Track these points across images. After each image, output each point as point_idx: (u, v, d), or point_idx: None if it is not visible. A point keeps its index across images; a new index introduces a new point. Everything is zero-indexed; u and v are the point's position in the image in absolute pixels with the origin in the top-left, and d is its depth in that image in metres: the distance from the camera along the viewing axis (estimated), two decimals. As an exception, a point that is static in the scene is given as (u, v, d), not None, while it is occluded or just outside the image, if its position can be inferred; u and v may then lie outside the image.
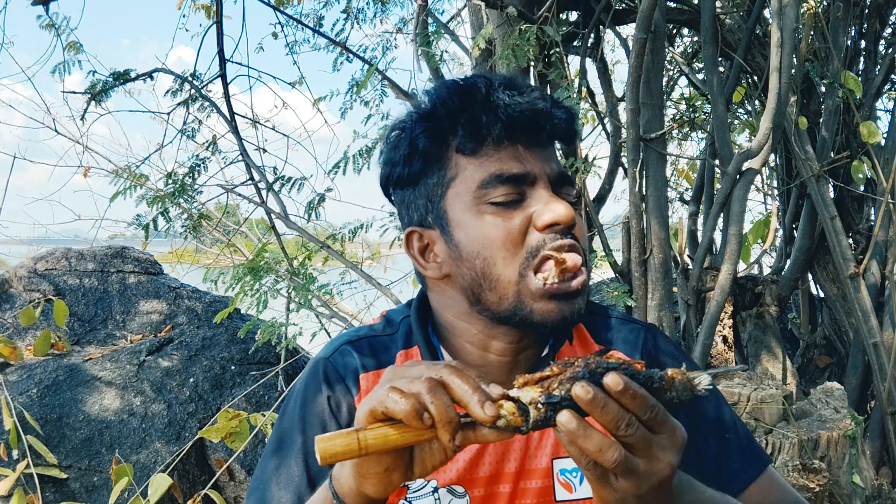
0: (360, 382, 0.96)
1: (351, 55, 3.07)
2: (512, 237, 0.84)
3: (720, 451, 0.95)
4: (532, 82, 2.44)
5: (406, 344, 0.98)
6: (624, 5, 2.85)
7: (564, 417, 0.62)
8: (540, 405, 0.63)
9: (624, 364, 0.64)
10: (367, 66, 3.02)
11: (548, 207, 0.83)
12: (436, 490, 0.91)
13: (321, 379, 0.97)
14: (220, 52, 2.95)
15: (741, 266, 3.10)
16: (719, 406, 0.99)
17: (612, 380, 0.61)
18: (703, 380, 0.65)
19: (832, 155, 3.04)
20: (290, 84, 3.51)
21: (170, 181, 2.91)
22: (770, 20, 2.50)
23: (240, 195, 3.16)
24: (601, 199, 2.92)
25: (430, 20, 2.89)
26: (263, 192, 2.96)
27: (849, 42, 3.10)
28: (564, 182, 0.89)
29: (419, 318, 0.98)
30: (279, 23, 3.33)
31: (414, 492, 0.92)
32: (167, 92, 3.02)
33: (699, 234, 3.45)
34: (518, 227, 0.84)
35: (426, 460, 0.70)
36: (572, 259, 0.83)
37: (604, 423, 0.62)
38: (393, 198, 1.00)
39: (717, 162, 2.99)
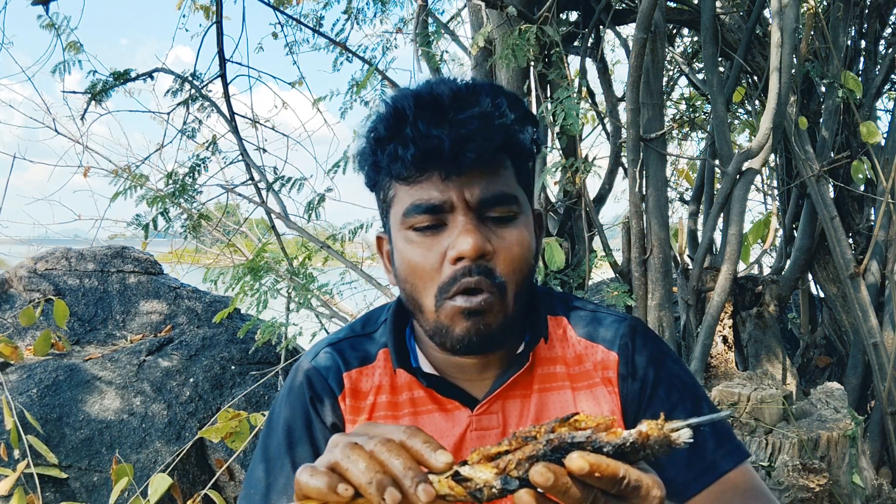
0: (344, 381, 0.98)
1: (351, 55, 3.07)
2: (428, 269, 0.87)
3: (693, 444, 0.94)
4: (531, 84, 2.45)
5: (385, 343, 1.01)
6: (624, 5, 2.85)
7: (525, 499, 0.58)
8: (495, 489, 0.59)
9: (591, 436, 0.59)
10: (367, 66, 3.02)
11: (457, 241, 0.85)
12: None
13: (304, 383, 0.99)
14: (220, 52, 2.95)
15: (741, 266, 3.10)
16: (698, 401, 0.99)
17: (576, 465, 0.56)
18: (682, 434, 0.59)
19: (832, 155, 3.04)
20: (289, 84, 3.52)
21: (170, 181, 2.91)
22: (770, 20, 2.50)
23: (240, 195, 3.17)
24: (601, 199, 2.92)
25: (430, 20, 2.89)
26: (263, 192, 2.97)
27: (849, 42, 3.10)
28: (496, 203, 0.87)
29: (395, 320, 1.01)
30: (279, 23, 3.33)
31: None
32: (167, 92, 3.03)
33: (699, 234, 3.45)
34: (434, 260, 0.87)
35: None
36: (470, 302, 0.86)
37: None
38: None
39: (717, 162, 2.99)
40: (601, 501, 0.59)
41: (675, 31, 3.71)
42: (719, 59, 3.01)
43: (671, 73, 3.98)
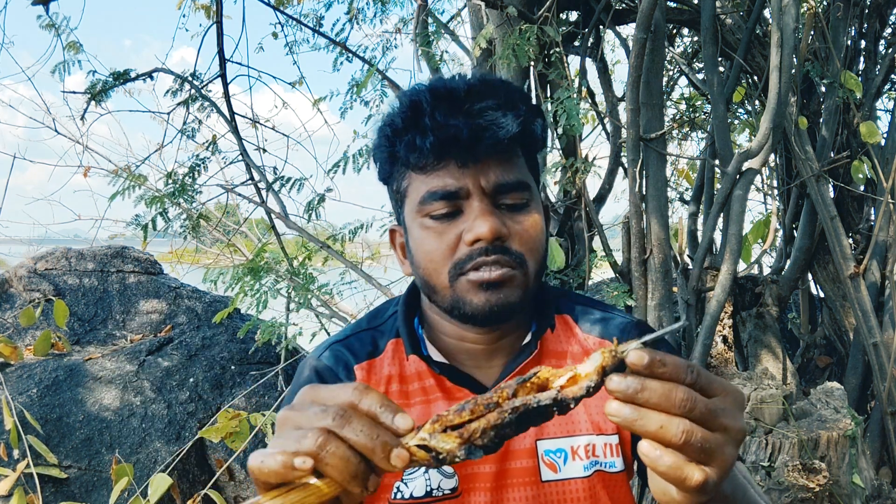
0: (356, 373, 0.99)
1: (351, 55, 3.07)
2: (443, 251, 0.90)
3: None
4: (531, 84, 2.45)
5: (395, 334, 1.02)
6: (624, 5, 2.85)
7: (615, 407, 0.57)
8: (458, 458, 0.58)
9: (557, 396, 0.58)
10: (367, 66, 3.02)
11: (473, 224, 0.88)
12: (427, 470, 0.95)
13: (312, 374, 1.00)
14: (220, 51, 2.95)
15: (741, 266, 3.10)
16: None
17: (635, 357, 0.56)
18: (633, 353, 0.58)
19: (832, 155, 3.04)
20: (290, 84, 3.51)
21: (170, 181, 2.91)
22: (770, 20, 2.50)
23: (240, 195, 3.16)
24: (601, 199, 2.92)
25: (430, 20, 2.89)
26: (263, 192, 2.96)
27: (849, 42, 3.10)
28: (510, 189, 0.90)
29: (406, 309, 1.03)
30: (279, 23, 3.33)
31: (409, 473, 0.96)
32: (167, 92, 3.02)
33: (699, 234, 3.45)
34: (449, 243, 0.90)
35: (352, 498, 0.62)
36: (490, 274, 0.88)
37: (656, 406, 0.56)
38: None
39: (717, 162, 2.99)
40: (692, 397, 0.57)
41: (675, 31, 3.71)
42: (719, 59, 3.00)
43: (671, 73, 3.97)
